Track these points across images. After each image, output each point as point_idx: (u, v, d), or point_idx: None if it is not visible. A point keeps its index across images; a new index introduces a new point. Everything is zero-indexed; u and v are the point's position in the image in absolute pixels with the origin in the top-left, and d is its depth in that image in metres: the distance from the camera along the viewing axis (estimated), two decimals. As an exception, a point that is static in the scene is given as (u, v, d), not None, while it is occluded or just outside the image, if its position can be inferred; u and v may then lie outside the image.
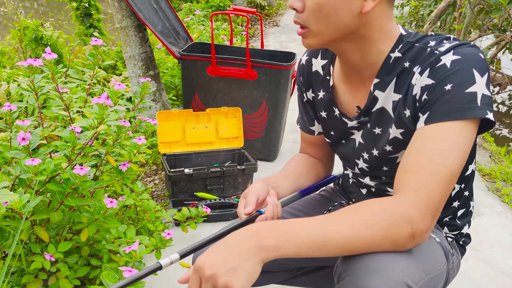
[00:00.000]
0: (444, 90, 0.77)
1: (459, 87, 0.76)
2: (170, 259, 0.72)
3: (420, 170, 0.75)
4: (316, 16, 0.82)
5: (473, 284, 1.65)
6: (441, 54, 0.79)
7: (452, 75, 0.77)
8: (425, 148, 0.76)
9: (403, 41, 0.86)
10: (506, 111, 4.21)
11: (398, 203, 0.73)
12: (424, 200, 0.73)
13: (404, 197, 0.74)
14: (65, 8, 7.16)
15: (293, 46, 5.25)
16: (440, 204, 0.75)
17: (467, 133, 0.76)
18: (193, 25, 4.44)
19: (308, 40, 0.86)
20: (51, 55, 1.27)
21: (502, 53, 4.22)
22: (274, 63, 2.25)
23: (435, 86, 0.78)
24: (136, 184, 1.63)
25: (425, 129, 0.78)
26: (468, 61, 0.77)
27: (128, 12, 2.38)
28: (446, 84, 0.77)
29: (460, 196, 0.99)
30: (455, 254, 1.01)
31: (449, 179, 0.74)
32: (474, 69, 0.76)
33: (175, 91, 3.13)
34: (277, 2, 8.01)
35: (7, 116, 1.28)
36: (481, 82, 0.76)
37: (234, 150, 2.25)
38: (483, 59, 0.79)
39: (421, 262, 0.80)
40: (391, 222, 0.72)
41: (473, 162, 0.98)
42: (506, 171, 2.51)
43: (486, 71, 0.78)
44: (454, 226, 1.02)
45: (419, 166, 0.75)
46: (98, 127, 1.20)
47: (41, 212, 1.19)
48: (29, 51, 3.46)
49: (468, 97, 0.75)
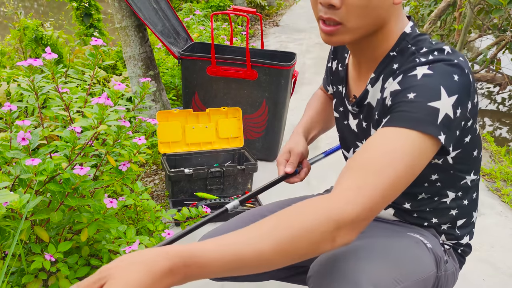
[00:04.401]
0: (407, 98, 0.75)
1: (422, 98, 0.74)
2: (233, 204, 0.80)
3: (365, 167, 0.71)
4: (359, 12, 0.78)
5: (473, 284, 1.65)
6: (419, 64, 0.78)
7: (419, 86, 0.75)
8: (376, 147, 0.73)
9: (403, 40, 0.85)
10: (506, 111, 4.21)
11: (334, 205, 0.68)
12: (363, 199, 0.68)
13: (342, 194, 0.69)
14: (65, 8, 7.16)
15: (293, 46, 5.25)
16: (377, 207, 0.69)
17: (421, 147, 0.73)
18: (193, 25, 4.44)
19: (339, 37, 0.82)
20: (51, 55, 1.27)
21: (502, 53, 4.22)
22: (274, 63, 2.25)
23: (400, 92, 0.77)
24: (136, 184, 1.63)
25: (382, 130, 0.76)
26: (439, 78, 0.75)
27: (128, 12, 2.38)
28: (410, 92, 0.75)
29: (459, 205, 0.98)
30: (451, 262, 0.99)
31: (394, 183, 0.70)
32: (442, 87, 0.74)
33: (175, 91, 3.13)
34: (277, 2, 8.01)
35: (7, 116, 1.28)
36: (447, 101, 0.74)
37: (234, 150, 2.25)
38: (457, 81, 0.75)
39: (395, 270, 0.79)
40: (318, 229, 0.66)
41: (472, 173, 0.95)
42: (506, 171, 2.51)
43: (457, 93, 0.74)
44: (452, 235, 1.01)
45: (365, 163, 0.72)
46: (98, 127, 1.20)
47: (41, 212, 1.19)
48: (29, 51, 3.45)
49: (428, 110, 0.73)
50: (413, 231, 0.98)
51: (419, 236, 0.96)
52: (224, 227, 1.09)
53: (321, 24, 0.83)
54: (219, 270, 0.62)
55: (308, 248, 0.66)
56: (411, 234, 0.96)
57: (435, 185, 0.95)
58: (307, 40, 5.58)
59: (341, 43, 0.84)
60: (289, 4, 8.37)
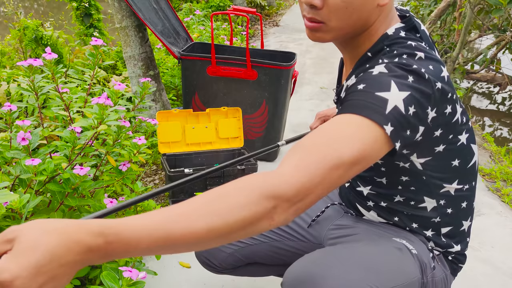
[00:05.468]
0: (357, 88, 0.77)
1: (371, 88, 0.75)
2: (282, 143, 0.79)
3: (308, 147, 0.69)
4: (340, 13, 0.80)
5: (473, 284, 1.65)
6: (380, 64, 0.79)
7: (370, 79, 0.77)
8: (323, 131, 0.72)
9: (380, 42, 0.86)
10: (506, 111, 4.21)
11: (271, 180, 0.64)
12: (302, 178, 0.65)
13: (282, 171, 0.66)
14: (65, 8, 7.16)
15: (293, 46, 5.25)
16: (316, 189, 0.66)
17: (369, 134, 0.71)
18: (193, 25, 4.44)
19: (319, 34, 0.85)
20: (51, 55, 1.27)
21: (502, 53, 4.22)
22: (274, 63, 2.25)
23: (353, 85, 0.79)
24: (136, 184, 1.63)
25: (332, 118, 0.76)
26: (390, 75, 0.76)
27: (128, 12, 2.38)
28: (361, 84, 0.77)
29: (441, 213, 0.96)
30: (441, 268, 0.98)
31: (335, 166, 0.67)
32: (393, 81, 0.74)
33: (175, 91, 3.13)
34: (277, 2, 8.00)
35: (7, 116, 1.28)
36: (398, 95, 0.73)
37: (234, 150, 2.25)
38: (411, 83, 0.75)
39: (371, 276, 0.79)
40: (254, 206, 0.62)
41: (455, 183, 0.93)
42: (506, 171, 2.51)
43: (410, 91, 0.73)
44: (437, 243, 0.99)
45: (309, 143, 0.70)
46: (98, 127, 1.20)
47: (41, 212, 1.19)
48: (29, 51, 3.45)
49: (376, 99, 0.73)
50: (400, 236, 0.97)
51: (405, 241, 0.95)
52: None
53: (305, 20, 0.86)
54: (146, 249, 0.57)
55: (242, 225, 0.62)
56: (396, 240, 0.95)
57: (409, 189, 0.94)
58: (307, 40, 5.58)
59: (323, 40, 0.87)
60: (289, 4, 8.37)
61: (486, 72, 4.42)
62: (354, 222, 1.07)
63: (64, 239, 0.52)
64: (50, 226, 0.53)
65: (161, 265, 1.67)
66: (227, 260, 1.16)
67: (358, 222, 1.06)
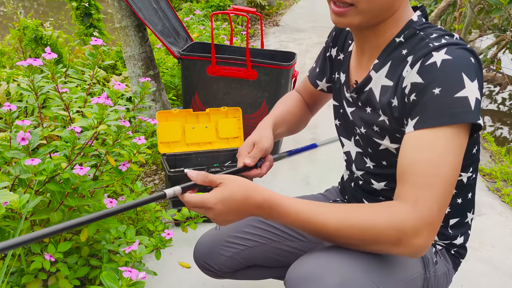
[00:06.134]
0: (433, 94, 0.76)
1: (448, 91, 0.75)
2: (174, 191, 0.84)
3: (417, 183, 0.75)
4: None
5: (473, 284, 1.64)
6: (434, 49, 0.78)
7: (442, 78, 0.75)
8: (420, 158, 0.76)
9: (410, 27, 0.86)
10: (506, 111, 4.21)
11: (395, 212, 0.75)
12: (422, 213, 0.74)
13: (402, 207, 0.75)
14: (65, 8, 7.16)
15: (293, 46, 5.25)
16: (439, 217, 0.75)
17: (458, 139, 0.75)
18: (193, 25, 4.43)
19: (349, 18, 0.84)
20: (51, 55, 1.27)
21: (502, 53, 4.21)
22: (274, 63, 2.25)
23: (424, 87, 0.77)
24: (136, 184, 1.63)
25: (416, 135, 0.77)
26: (458, 65, 0.75)
27: (128, 12, 2.38)
28: (435, 87, 0.75)
29: (452, 203, 0.97)
30: (443, 263, 0.99)
31: (446, 190, 0.75)
32: (464, 74, 0.75)
33: (175, 91, 3.13)
34: (277, 2, 8.00)
35: (7, 116, 1.28)
36: (472, 87, 0.75)
37: (234, 150, 2.25)
38: (474, 64, 0.77)
39: (373, 271, 0.80)
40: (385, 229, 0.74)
41: (469, 171, 0.95)
42: (507, 171, 2.51)
43: (476, 76, 0.76)
44: (444, 235, 1.00)
45: (416, 179, 0.76)
46: (98, 127, 1.19)
47: (41, 212, 1.19)
48: (29, 51, 3.45)
49: (457, 102, 0.74)
50: None
51: None
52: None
53: (332, 5, 0.84)
54: (291, 223, 0.79)
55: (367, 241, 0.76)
56: None
57: None
58: (307, 40, 5.58)
59: (351, 25, 0.85)
60: (289, 4, 8.37)
61: (486, 72, 4.42)
62: None
63: (246, 195, 0.79)
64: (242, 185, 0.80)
65: (161, 265, 1.67)
66: (226, 264, 1.14)
67: None
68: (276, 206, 0.79)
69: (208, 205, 0.78)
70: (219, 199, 0.78)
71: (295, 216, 0.78)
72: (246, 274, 1.21)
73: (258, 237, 1.14)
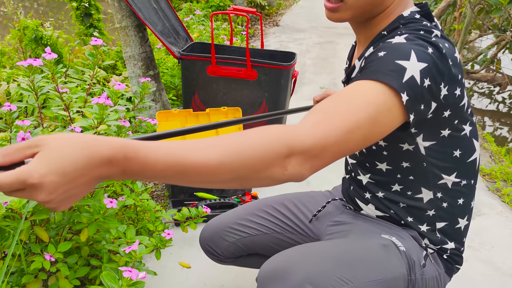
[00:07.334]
0: (377, 56, 0.78)
1: (391, 55, 0.76)
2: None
3: (327, 109, 0.71)
4: None
5: (473, 284, 1.64)
6: (399, 35, 0.81)
7: (390, 48, 0.78)
8: (342, 94, 0.74)
9: (396, 22, 0.88)
10: (506, 111, 4.21)
11: (288, 131, 0.66)
12: (318, 134, 0.66)
13: (299, 126, 0.68)
14: (65, 8, 7.16)
15: (293, 46, 5.25)
16: (331, 150, 0.67)
17: (386, 101, 0.73)
18: (193, 25, 4.43)
19: (340, 13, 0.88)
20: (51, 55, 1.27)
21: (502, 53, 4.22)
22: (274, 63, 2.25)
23: (372, 53, 0.81)
24: (136, 184, 1.63)
25: (351, 84, 0.78)
26: (410, 46, 0.77)
27: (128, 12, 2.38)
28: (381, 51, 0.78)
29: (437, 207, 0.97)
30: (433, 267, 0.98)
31: (351, 128, 0.69)
32: (413, 50, 0.76)
33: (175, 91, 3.13)
34: (277, 2, 8.00)
35: (7, 116, 1.28)
36: (416, 66, 0.74)
37: (234, 150, 2.25)
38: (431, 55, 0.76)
39: (343, 268, 0.80)
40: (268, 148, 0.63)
41: (454, 175, 0.94)
42: (506, 171, 2.51)
43: (427, 63, 0.75)
44: (431, 239, 0.99)
45: (328, 106, 0.72)
46: (98, 127, 1.20)
47: (41, 212, 1.19)
48: (29, 51, 3.45)
49: (395, 66, 0.74)
50: (391, 233, 0.98)
51: (394, 238, 0.96)
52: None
53: (325, 1, 0.89)
54: (160, 172, 0.58)
55: (256, 166, 0.62)
56: (385, 236, 0.97)
57: (408, 178, 0.95)
58: (307, 40, 5.58)
59: (342, 20, 0.90)
60: (289, 4, 8.37)
61: (486, 72, 4.42)
62: (352, 219, 1.09)
63: (87, 150, 0.54)
64: (74, 139, 0.54)
65: (161, 265, 1.67)
66: (229, 249, 1.20)
67: (355, 219, 1.08)
68: (134, 155, 0.56)
69: (31, 181, 0.50)
70: (47, 167, 0.51)
71: (164, 162, 0.57)
72: (247, 262, 1.27)
73: (261, 226, 1.18)
